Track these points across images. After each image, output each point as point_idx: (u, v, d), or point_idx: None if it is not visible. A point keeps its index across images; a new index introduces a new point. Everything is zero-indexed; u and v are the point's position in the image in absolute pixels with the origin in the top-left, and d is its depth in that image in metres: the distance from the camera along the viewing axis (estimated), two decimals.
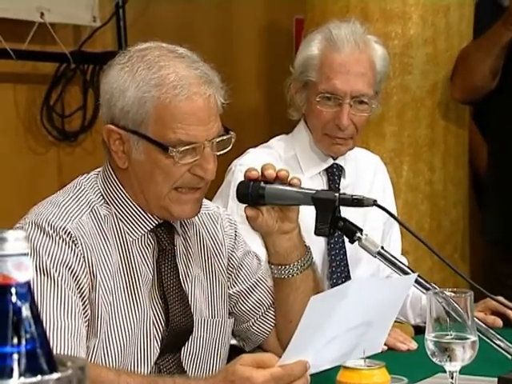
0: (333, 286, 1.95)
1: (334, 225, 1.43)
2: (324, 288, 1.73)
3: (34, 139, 2.78)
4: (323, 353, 1.20)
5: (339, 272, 1.97)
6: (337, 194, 1.43)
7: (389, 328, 1.31)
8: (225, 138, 1.40)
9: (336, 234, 1.71)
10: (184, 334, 1.45)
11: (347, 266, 1.96)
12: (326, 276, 1.96)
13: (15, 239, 0.76)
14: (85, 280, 1.34)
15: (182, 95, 1.34)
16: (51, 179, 2.79)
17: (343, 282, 1.84)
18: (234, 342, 1.61)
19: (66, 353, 1.28)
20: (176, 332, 1.43)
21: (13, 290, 0.76)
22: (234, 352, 1.53)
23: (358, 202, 1.41)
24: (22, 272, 0.76)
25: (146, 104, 1.34)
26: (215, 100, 1.37)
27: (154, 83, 1.34)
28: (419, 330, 1.93)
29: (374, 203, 1.41)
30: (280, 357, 1.17)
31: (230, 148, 1.42)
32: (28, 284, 0.77)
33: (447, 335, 1.20)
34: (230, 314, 1.54)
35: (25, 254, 0.77)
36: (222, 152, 1.41)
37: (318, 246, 1.95)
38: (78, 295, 1.33)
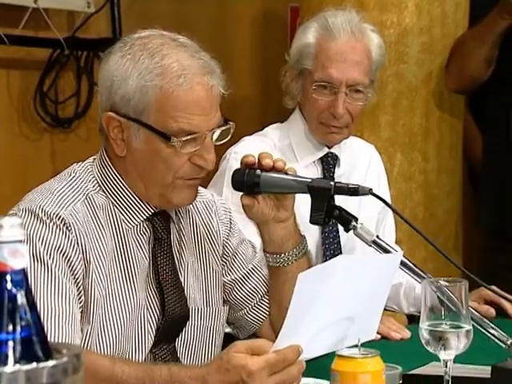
0: None
1: (329, 213, 1.43)
2: None
3: (28, 126, 2.76)
4: (316, 339, 1.20)
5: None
6: (332, 183, 1.43)
7: (380, 313, 1.31)
8: (225, 128, 1.40)
9: (330, 223, 1.71)
10: (179, 322, 1.45)
11: (341, 254, 1.97)
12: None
13: (11, 226, 0.76)
14: (79, 266, 1.33)
15: (186, 85, 1.33)
16: (44, 166, 2.78)
17: None
18: (228, 330, 1.61)
19: (60, 339, 1.27)
20: (171, 320, 1.43)
21: (8, 277, 0.76)
22: (228, 340, 1.54)
23: (353, 191, 1.41)
24: (17, 259, 0.76)
25: (148, 93, 1.34)
26: (217, 90, 1.37)
27: (157, 72, 1.34)
28: (412, 319, 1.93)
29: (370, 192, 1.41)
30: (273, 342, 1.17)
31: (229, 138, 1.42)
32: (23, 271, 0.77)
33: (442, 324, 1.20)
34: (224, 302, 1.54)
35: (20, 241, 0.77)
36: (221, 142, 1.41)
37: (312, 235, 1.96)
38: (73, 281, 1.33)
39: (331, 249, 1.98)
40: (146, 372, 1.25)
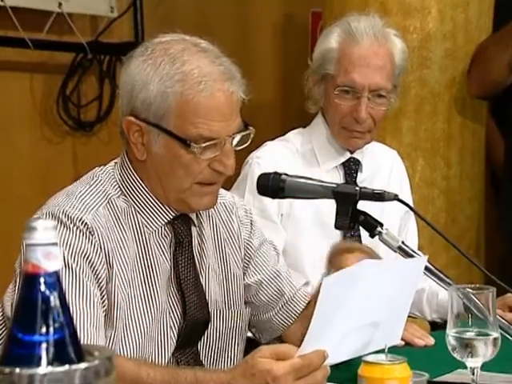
0: None
1: (355, 219, 1.42)
2: None
3: (50, 129, 2.78)
4: (341, 344, 1.19)
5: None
6: (358, 188, 1.42)
7: (405, 318, 1.31)
8: (245, 133, 1.40)
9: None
10: (201, 326, 1.45)
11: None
12: None
13: (44, 228, 0.77)
14: (102, 270, 1.34)
15: (206, 91, 1.34)
16: (66, 169, 2.80)
17: None
18: (248, 334, 1.61)
19: (85, 342, 1.28)
20: (193, 324, 1.43)
21: (41, 279, 0.76)
22: (249, 345, 1.53)
23: (378, 197, 1.41)
24: (50, 261, 0.77)
25: (169, 98, 1.34)
26: (237, 96, 1.37)
27: (178, 78, 1.34)
28: (435, 326, 1.92)
29: (395, 198, 1.41)
30: (299, 347, 1.17)
31: (248, 143, 1.42)
32: (56, 273, 0.77)
33: (469, 331, 1.19)
34: (246, 303, 1.54)
35: (54, 244, 0.77)
36: (241, 147, 1.41)
37: (334, 240, 1.95)
38: (96, 285, 1.33)
39: None
40: (171, 375, 1.25)
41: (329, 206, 1.84)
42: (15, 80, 2.67)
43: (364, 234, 1.71)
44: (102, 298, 1.34)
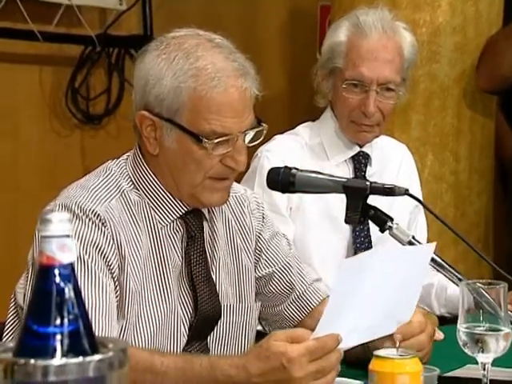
0: None
1: (365, 213, 1.42)
2: None
3: (59, 122, 2.79)
4: (353, 328, 1.20)
5: None
6: (368, 183, 1.42)
7: (415, 304, 1.31)
8: (258, 129, 1.40)
9: None
10: (212, 319, 1.45)
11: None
12: None
13: (59, 221, 0.77)
14: (114, 261, 1.34)
15: (219, 87, 1.33)
16: (75, 162, 2.80)
17: None
18: (258, 327, 1.61)
19: (97, 333, 1.28)
20: (204, 319, 1.43)
21: (56, 271, 0.77)
22: (258, 338, 1.53)
23: (389, 191, 1.41)
24: (65, 253, 0.77)
25: (182, 94, 1.34)
26: (250, 92, 1.37)
27: (191, 74, 1.34)
28: (444, 321, 1.92)
29: (406, 192, 1.40)
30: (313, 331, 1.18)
31: (261, 140, 1.42)
32: (71, 265, 0.78)
33: (480, 326, 1.19)
34: (257, 296, 1.54)
35: (68, 236, 0.77)
36: (253, 144, 1.41)
37: (343, 234, 1.95)
38: (109, 275, 1.34)
39: (362, 248, 1.97)
40: (186, 362, 1.25)
41: (338, 201, 1.84)
42: (24, 72, 2.67)
43: (373, 228, 1.71)
44: (114, 289, 1.34)
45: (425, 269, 1.32)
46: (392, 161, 2.06)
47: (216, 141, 1.35)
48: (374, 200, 1.47)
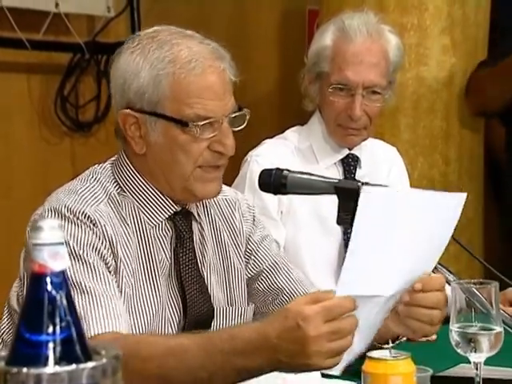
0: None
1: None
2: None
3: (48, 129, 2.78)
4: (380, 274, 1.18)
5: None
6: (360, 184, 1.42)
7: (439, 255, 1.28)
8: (240, 113, 1.40)
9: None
10: (203, 323, 1.45)
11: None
12: (342, 266, 1.96)
13: (51, 228, 0.77)
14: (110, 259, 1.34)
15: (197, 69, 1.34)
16: (65, 169, 2.79)
17: None
18: None
19: (111, 328, 1.28)
20: (194, 322, 1.43)
21: (48, 279, 0.76)
22: None
23: None
24: (57, 261, 0.77)
25: (162, 82, 1.34)
26: (228, 75, 1.38)
27: (168, 60, 1.34)
28: None
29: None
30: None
31: (244, 125, 1.42)
32: (63, 273, 0.77)
33: (472, 326, 1.20)
34: (249, 299, 1.53)
35: (60, 243, 0.77)
36: (238, 128, 1.41)
37: (334, 237, 1.95)
38: (109, 272, 1.34)
39: None
40: (205, 338, 1.23)
41: (328, 202, 1.84)
42: (13, 81, 2.67)
43: None
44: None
45: (454, 220, 1.27)
46: (382, 163, 2.07)
47: (201, 123, 1.35)
48: None
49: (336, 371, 1.24)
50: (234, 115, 1.39)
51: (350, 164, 2.00)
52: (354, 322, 1.15)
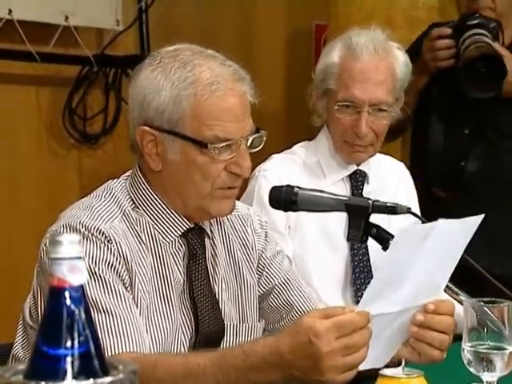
0: (356, 291, 1.94)
1: (367, 231, 1.42)
2: None
3: (56, 141, 2.79)
4: (395, 299, 1.19)
5: (363, 278, 1.96)
6: (370, 201, 1.43)
7: (449, 276, 1.30)
8: (257, 135, 1.41)
9: None
10: (214, 340, 1.44)
11: (371, 271, 1.96)
12: (349, 282, 1.96)
13: (70, 243, 0.77)
14: (126, 277, 1.34)
15: (219, 91, 1.35)
16: (72, 181, 2.80)
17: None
18: None
19: (130, 347, 1.28)
20: (206, 339, 1.42)
21: (67, 294, 0.76)
22: None
23: (391, 209, 1.41)
24: (76, 275, 0.77)
25: (182, 102, 1.35)
26: (248, 97, 1.38)
27: (190, 81, 1.35)
28: None
29: (408, 211, 1.41)
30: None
31: (261, 146, 1.42)
32: (82, 287, 0.77)
33: (484, 345, 1.19)
34: (260, 317, 1.53)
35: (79, 258, 0.77)
36: (255, 150, 1.41)
37: (341, 252, 1.95)
38: (126, 289, 1.33)
39: (360, 266, 1.97)
40: (220, 357, 1.23)
41: (334, 218, 1.84)
42: (22, 93, 2.68)
43: (371, 245, 1.72)
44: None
45: (466, 240, 1.28)
46: (390, 179, 2.07)
47: (220, 145, 1.35)
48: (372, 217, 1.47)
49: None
50: (252, 137, 1.39)
51: (357, 180, 2.00)
52: (367, 335, 1.15)
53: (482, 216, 1.26)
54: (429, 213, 2.17)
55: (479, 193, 2.29)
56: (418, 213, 2.10)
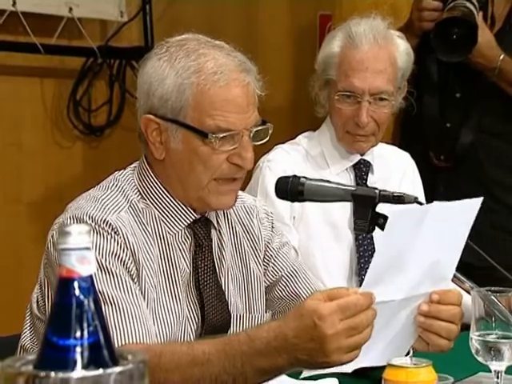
0: (361, 281, 1.94)
1: (374, 222, 1.42)
2: None
3: (61, 133, 2.79)
4: (399, 285, 1.19)
5: (368, 268, 1.96)
6: (377, 191, 1.42)
7: (456, 261, 1.29)
8: (262, 127, 1.40)
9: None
10: (220, 331, 1.44)
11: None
12: (354, 272, 1.96)
13: (79, 233, 0.77)
14: (133, 268, 1.34)
15: (222, 81, 1.34)
16: (77, 173, 2.80)
17: None
18: None
19: (136, 338, 1.28)
20: (212, 330, 1.42)
21: (76, 284, 0.76)
22: None
23: (398, 199, 1.41)
24: (85, 266, 0.77)
25: (185, 91, 1.35)
26: (253, 89, 1.37)
27: (194, 70, 1.35)
28: None
29: (415, 200, 1.41)
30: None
31: (267, 139, 1.41)
32: (91, 278, 0.77)
33: (492, 334, 1.19)
34: (266, 307, 1.53)
35: (88, 248, 0.77)
36: (259, 142, 1.41)
37: (346, 243, 1.95)
38: (133, 281, 1.33)
39: (365, 256, 1.97)
40: (224, 342, 1.22)
41: (338, 208, 1.84)
42: (26, 85, 2.68)
43: (376, 235, 1.71)
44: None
45: (468, 224, 1.28)
46: (395, 169, 2.07)
47: (221, 135, 1.34)
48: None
49: (348, 369, 1.23)
50: (256, 129, 1.38)
51: (361, 170, 2.00)
52: (371, 315, 1.15)
53: (481, 199, 1.24)
54: (430, 183, 2.18)
55: (479, 161, 2.29)
56: (424, 202, 2.11)
